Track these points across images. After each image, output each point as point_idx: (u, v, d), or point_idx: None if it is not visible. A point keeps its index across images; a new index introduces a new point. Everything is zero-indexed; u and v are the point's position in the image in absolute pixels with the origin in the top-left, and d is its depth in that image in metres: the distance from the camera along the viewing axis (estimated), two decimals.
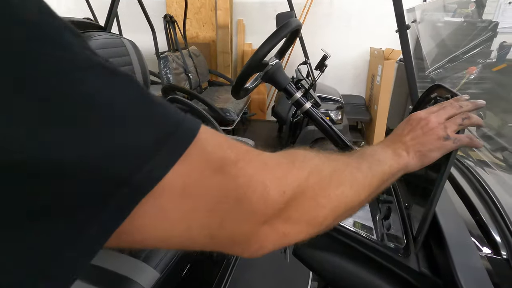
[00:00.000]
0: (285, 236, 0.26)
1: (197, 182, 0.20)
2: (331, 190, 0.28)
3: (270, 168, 0.24)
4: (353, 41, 3.22)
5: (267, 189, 0.23)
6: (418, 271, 0.49)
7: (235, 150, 0.23)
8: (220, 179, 0.21)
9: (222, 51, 3.33)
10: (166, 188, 0.19)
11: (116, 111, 0.17)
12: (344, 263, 0.60)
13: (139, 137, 0.17)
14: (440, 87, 0.60)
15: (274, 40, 0.76)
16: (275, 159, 0.26)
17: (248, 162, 0.23)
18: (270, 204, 0.23)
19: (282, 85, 0.87)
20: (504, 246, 0.47)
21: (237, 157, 0.22)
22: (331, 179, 0.29)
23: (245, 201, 0.22)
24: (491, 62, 2.38)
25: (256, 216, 0.23)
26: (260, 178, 0.23)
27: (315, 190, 0.27)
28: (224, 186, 0.21)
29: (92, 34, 1.13)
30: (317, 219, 0.27)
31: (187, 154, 0.19)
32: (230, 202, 0.21)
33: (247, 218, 0.23)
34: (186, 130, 0.20)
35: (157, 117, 0.19)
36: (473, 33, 2.30)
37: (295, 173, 0.26)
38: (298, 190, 0.25)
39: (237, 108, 2.23)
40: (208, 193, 0.21)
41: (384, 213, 0.71)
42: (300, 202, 0.25)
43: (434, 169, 0.55)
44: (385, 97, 2.80)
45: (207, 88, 3.07)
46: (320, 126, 0.90)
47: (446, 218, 0.51)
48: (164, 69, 2.25)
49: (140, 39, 2.43)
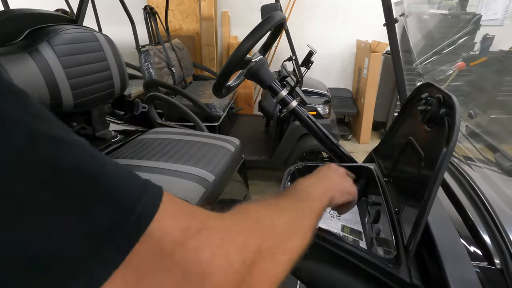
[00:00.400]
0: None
1: (153, 267, 0.19)
2: (286, 244, 0.30)
3: (231, 237, 0.24)
4: (340, 34, 3.20)
5: (229, 262, 0.22)
6: (410, 283, 0.47)
7: (198, 218, 0.23)
8: (181, 255, 0.20)
9: (207, 44, 3.24)
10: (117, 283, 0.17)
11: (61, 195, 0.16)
12: (333, 272, 0.57)
13: (88, 225, 0.17)
14: (431, 86, 0.57)
15: (256, 35, 0.72)
16: (234, 224, 0.26)
17: (210, 231, 0.23)
18: (232, 275, 0.22)
19: (267, 82, 0.82)
20: (497, 254, 0.45)
21: (200, 226, 0.22)
22: (284, 233, 0.30)
23: (208, 276, 0.21)
24: (475, 54, 2.40)
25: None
26: (222, 251, 0.22)
27: (272, 249, 0.27)
28: (184, 263, 0.20)
29: (60, 28, 1.04)
30: (277, 275, 0.27)
31: (145, 236, 0.19)
32: (193, 280, 0.20)
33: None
34: (141, 213, 0.19)
35: (110, 198, 0.18)
36: (457, 26, 2.31)
37: (253, 238, 0.26)
38: (257, 254, 0.25)
39: (223, 104, 2.17)
40: (166, 275, 0.19)
41: (373, 216, 0.69)
42: (259, 265, 0.25)
43: (425, 172, 0.52)
44: (372, 90, 2.80)
45: (192, 82, 2.99)
46: (307, 125, 0.86)
47: (438, 226, 0.49)
48: (145, 64, 2.16)
49: (119, 32, 2.32)
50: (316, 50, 0.82)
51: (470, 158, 0.67)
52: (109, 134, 1.39)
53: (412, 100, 0.65)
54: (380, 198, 0.68)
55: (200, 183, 1.00)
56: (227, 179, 1.18)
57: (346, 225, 0.70)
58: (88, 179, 0.18)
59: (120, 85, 1.30)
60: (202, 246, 0.21)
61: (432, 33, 1.77)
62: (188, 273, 0.20)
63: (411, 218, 0.50)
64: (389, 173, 0.69)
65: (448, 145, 0.44)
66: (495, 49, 2.54)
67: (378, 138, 3.08)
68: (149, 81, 2.10)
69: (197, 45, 3.38)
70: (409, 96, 0.66)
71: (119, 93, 1.33)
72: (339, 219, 0.71)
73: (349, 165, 0.88)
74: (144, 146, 1.22)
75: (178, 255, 0.20)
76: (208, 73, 3.13)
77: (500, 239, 0.45)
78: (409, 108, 0.66)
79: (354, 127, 3.15)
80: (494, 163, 0.61)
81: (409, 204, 0.55)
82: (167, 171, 1.04)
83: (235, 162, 1.27)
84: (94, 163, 0.19)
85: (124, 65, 1.31)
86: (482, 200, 0.52)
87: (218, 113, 2.08)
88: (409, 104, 0.66)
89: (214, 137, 1.32)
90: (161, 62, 2.34)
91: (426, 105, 0.54)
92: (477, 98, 1.83)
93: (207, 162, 1.10)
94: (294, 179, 0.79)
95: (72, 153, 0.18)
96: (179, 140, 1.26)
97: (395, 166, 0.67)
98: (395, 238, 0.54)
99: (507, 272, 0.42)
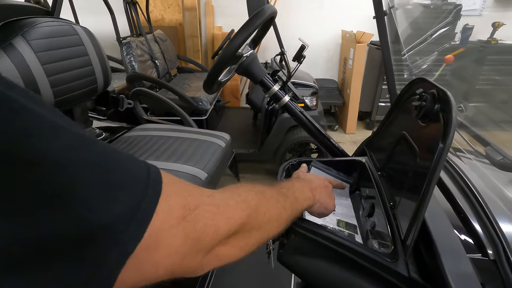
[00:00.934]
0: (220, 259, 0.32)
1: (167, 234, 0.25)
2: (263, 225, 0.37)
3: (221, 211, 0.31)
4: (326, 24, 3.18)
5: (218, 231, 0.30)
6: (408, 277, 0.48)
7: (193, 196, 0.29)
8: (183, 226, 0.26)
9: (191, 35, 3.15)
10: (142, 247, 0.23)
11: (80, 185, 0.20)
12: (330, 267, 0.58)
13: (111, 208, 0.21)
14: (424, 81, 0.58)
15: (248, 30, 0.69)
16: (224, 200, 0.32)
17: (204, 206, 0.29)
18: (218, 240, 0.30)
19: (259, 77, 0.81)
20: (490, 245, 0.47)
21: (196, 202, 0.28)
22: (264, 215, 0.37)
23: (201, 241, 0.28)
24: (455, 44, 2.46)
25: (206, 250, 0.29)
26: (214, 222, 0.29)
27: (252, 224, 0.35)
28: (186, 231, 0.27)
29: (36, 20, 0.97)
30: (248, 246, 0.35)
31: (156, 213, 0.24)
32: (189, 243, 0.27)
33: (199, 253, 0.29)
34: (151, 194, 0.24)
35: (124, 185, 0.23)
36: (440, 16, 2.35)
37: (239, 213, 0.33)
38: (240, 226, 0.33)
39: (209, 97, 2.13)
40: (174, 239, 0.26)
41: (367, 210, 0.70)
42: (239, 234, 0.33)
43: (421, 167, 0.53)
44: (357, 80, 2.83)
45: (177, 75, 2.91)
46: (300, 120, 0.86)
47: (433, 220, 0.50)
48: (127, 57, 2.07)
49: (97, 23, 2.22)
50: (308, 44, 0.81)
51: (459, 150, 0.69)
52: (93, 132, 1.34)
53: (405, 94, 0.66)
54: (374, 191, 0.68)
55: (192, 181, 0.98)
56: (219, 175, 1.16)
57: (341, 219, 0.71)
58: (107, 171, 0.22)
59: (103, 81, 1.25)
60: (197, 219, 0.28)
61: (417, 24, 1.80)
62: (187, 237, 0.26)
63: (407, 213, 0.51)
64: (382, 167, 0.70)
65: (445, 141, 0.45)
66: (474, 39, 2.62)
67: (363, 128, 3.14)
68: (132, 74, 2.03)
69: (180, 36, 3.28)
70: (401, 91, 0.66)
71: (102, 89, 1.28)
72: (334, 213, 0.72)
73: (342, 159, 0.89)
74: (132, 144, 1.18)
75: (181, 225, 0.26)
76: (193, 65, 3.06)
77: (492, 231, 0.47)
78: (402, 102, 0.67)
79: (341, 118, 3.18)
80: (485, 156, 0.63)
81: (405, 198, 0.56)
82: None
83: (226, 158, 1.25)
84: (108, 155, 0.23)
85: (106, 60, 1.25)
86: (473, 193, 0.54)
87: (205, 106, 2.04)
88: (402, 99, 0.67)
89: (204, 133, 1.30)
90: (144, 55, 2.26)
91: (420, 101, 0.54)
92: (457, 87, 1.89)
93: (199, 159, 1.08)
94: (289, 175, 0.79)
95: (93, 150, 0.22)
96: (168, 137, 1.23)
97: (388, 160, 0.68)
98: (391, 232, 0.55)
99: (500, 263, 0.44)
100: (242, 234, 0.33)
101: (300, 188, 0.52)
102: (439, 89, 0.52)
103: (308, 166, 0.82)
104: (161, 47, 2.57)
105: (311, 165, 0.82)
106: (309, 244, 0.60)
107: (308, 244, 0.60)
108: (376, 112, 2.96)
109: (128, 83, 2.01)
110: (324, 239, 0.56)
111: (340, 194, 0.80)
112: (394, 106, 0.69)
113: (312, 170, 0.82)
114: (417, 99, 0.55)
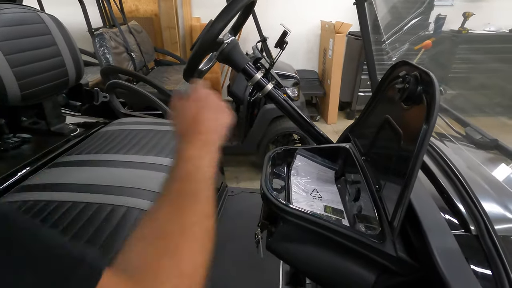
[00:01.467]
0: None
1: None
2: (185, 263, 0.30)
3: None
4: (305, 14, 3.18)
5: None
6: (396, 256, 0.48)
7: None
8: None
9: (168, 26, 3.04)
10: None
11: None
12: (318, 253, 0.58)
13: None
14: (407, 64, 0.58)
15: (228, 14, 0.67)
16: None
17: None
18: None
19: (241, 65, 0.78)
20: (472, 221, 0.48)
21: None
22: (183, 246, 0.31)
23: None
24: (429, 34, 2.54)
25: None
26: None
27: (172, 272, 0.29)
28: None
29: None
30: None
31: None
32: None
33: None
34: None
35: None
36: (414, 6, 2.41)
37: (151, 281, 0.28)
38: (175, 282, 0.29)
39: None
40: None
41: (353, 194, 0.71)
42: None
43: (405, 149, 0.54)
44: (337, 71, 2.86)
45: (154, 68, 2.82)
46: (283, 108, 0.85)
47: (418, 200, 0.51)
48: (101, 49, 1.98)
49: (66, 14, 2.08)
50: (291, 30, 0.79)
51: (441, 134, 0.71)
52: (67, 128, 1.26)
53: (388, 78, 0.66)
54: (359, 176, 0.69)
55: None
56: None
57: (328, 205, 0.71)
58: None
59: (75, 73, 1.18)
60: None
61: (395, 12, 1.83)
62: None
63: (393, 195, 0.51)
64: (367, 151, 0.71)
65: (428, 122, 0.45)
66: (446, 29, 2.71)
67: (344, 118, 3.19)
68: (107, 67, 1.93)
69: (156, 28, 3.17)
70: (384, 75, 0.67)
71: (74, 82, 1.20)
72: (321, 199, 0.72)
73: (326, 146, 0.89)
74: (109, 139, 1.13)
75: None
76: (171, 58, 2.97)
77: (474, 208, 0.48)
78: (385, 86, 0.67)
79: (322, 108, 3.22)
80: (465, 136, 0.65)
81: (390, 181, 0.56)
82: (138, 164, 0.97)
83: None
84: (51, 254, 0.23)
85: (77, 50, 1.18)
86: (455, 174, 0.55)
87: None
88: (385, 83, 0.67)
89: None
90: (119, 47, 2.16)
91: (403, 83, 0.54)
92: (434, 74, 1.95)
93: None
94: (274, 164, 0.79)
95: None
96: (149, 130, 1.18)
97: (372, 145, 0.69)
98: (378, 214, 0.56)
99: (482, 237, 0.45)
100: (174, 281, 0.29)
101: (199, 156, 0.41)
102: (422, 71, 0.52)
103: (294, 154, 0.82)
104: (137, 39, 2.47)
105: (297, 153, 0.82)
106: (298, 231, 0.60)
107: (296, 230, 0.60)
108: (356, 102, 3.01)
109: (103, 77, 1.92)
110: (312, 224, 0.56)
111: (326, 180, 0.80)
112: (377, 91, 0.70)
113: (298, 158, 0.82)
114: (400, 82, 0.56)
